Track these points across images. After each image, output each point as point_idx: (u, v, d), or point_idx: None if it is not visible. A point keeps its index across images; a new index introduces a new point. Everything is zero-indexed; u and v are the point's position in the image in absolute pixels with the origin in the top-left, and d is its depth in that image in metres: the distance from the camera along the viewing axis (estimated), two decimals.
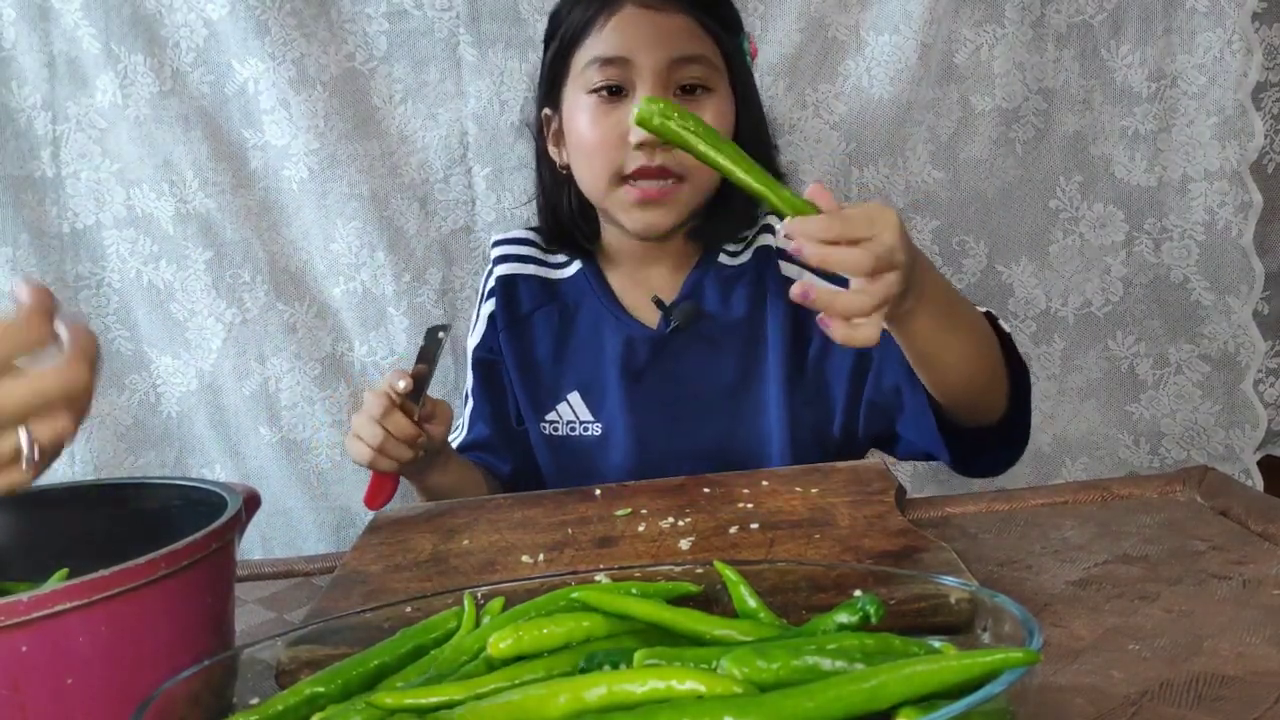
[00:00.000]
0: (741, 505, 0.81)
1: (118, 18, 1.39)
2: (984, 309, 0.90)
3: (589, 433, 1.12)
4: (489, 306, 1.16)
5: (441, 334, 1.01)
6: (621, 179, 1.03)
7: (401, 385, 0.97)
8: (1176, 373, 1.45)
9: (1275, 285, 1.46)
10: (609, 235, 1.14)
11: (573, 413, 1.12)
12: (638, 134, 0.99)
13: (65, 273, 1.46)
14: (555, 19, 1.09)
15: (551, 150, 1.12)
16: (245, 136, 1.43)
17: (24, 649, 0.51)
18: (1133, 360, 1.45)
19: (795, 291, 0.70)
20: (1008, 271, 1.44)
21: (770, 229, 1.11)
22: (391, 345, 1.46)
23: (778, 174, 1.11)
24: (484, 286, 1.19)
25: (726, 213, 1.09)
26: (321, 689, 0.49)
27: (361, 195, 1.42)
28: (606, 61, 1.02)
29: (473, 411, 1.18)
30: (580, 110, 1.04)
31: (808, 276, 1.01)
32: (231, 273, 1.45)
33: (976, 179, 1.42)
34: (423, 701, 0.45)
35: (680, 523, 0.79)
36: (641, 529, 0.79)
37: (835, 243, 0.70)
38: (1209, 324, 1.43)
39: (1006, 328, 0.91)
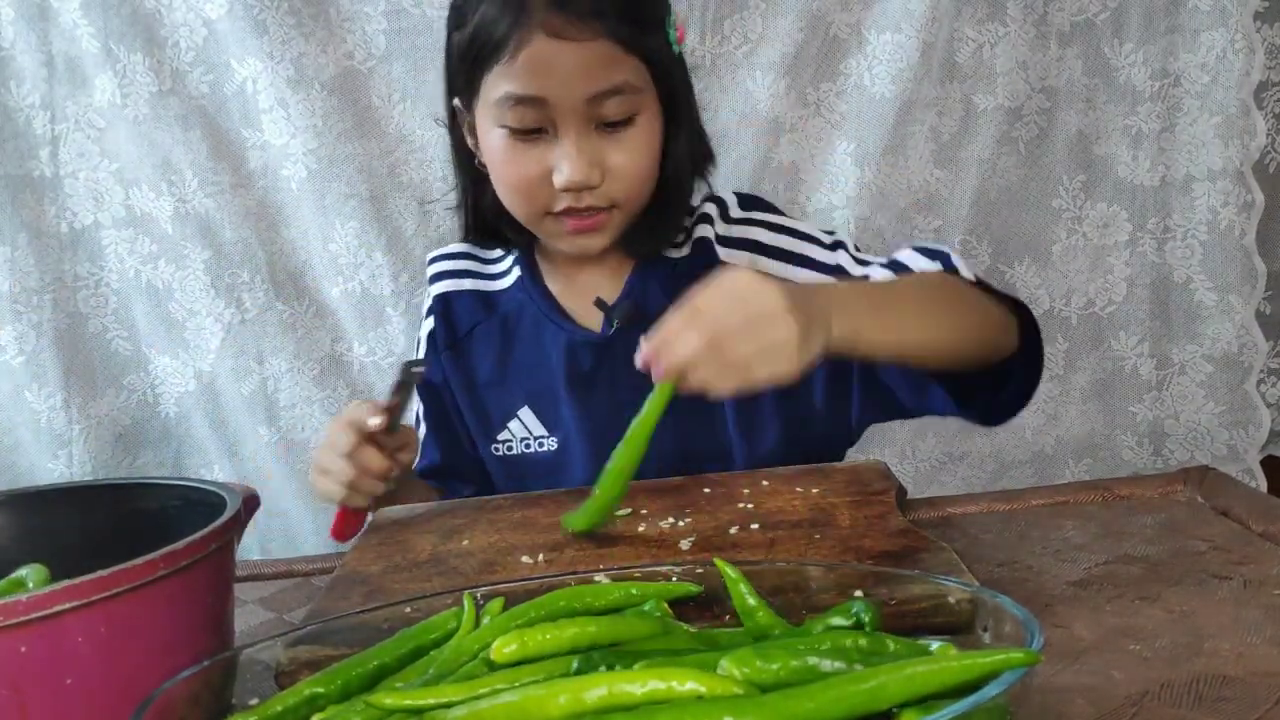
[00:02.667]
0: (742, 505, 0.81)
1: (117, 17, 1.39)
2: (941, 258, 0.89)
3: (544, 448, 1.07)
4: (428, 325, 1.12)
5: (417, 369, 0.97)
6: (549, 213, 0.98)
7: (374, 422, 0.94)
8: (1180, 373, 1.44)
9: (1277, 285, 1.45)
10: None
11: (525, 429, 1.07)
12: (562, 177, 0.93)
13: (64, 273, 1.46)
14: (460, 12, 0.98)
15: (469, 141, 1.03)
16: (244, 136, 1.43)
17: (24, 649, 0.51)
18: (1136, 360, 1.45)
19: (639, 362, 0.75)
20: (1010, 271, 1.44)
21: (708, 218, 1.04)
22: (390, 345, 1.45)
23: (703, 172, 1.06)
24: (424, 307, 1.14)
25: (660, 221, 1.02)
26: (321, 689, 0.49)
27: (360, 195, 1.42)
28: (520, 100, 0.93)
29: (424, 438, 1.14)
30: (496, 141, 0.97)
31: (747, 260, 1.00)
32: (230, 272, 1.45)
33: (979, 178, 1.42)
34: (422, 702, 0.45)
35: (680, 523, 0.79)
36: (641, 529, 0.79)
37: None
38: (1212, 324, 1.42)
39: (970, 273, 0.89)
